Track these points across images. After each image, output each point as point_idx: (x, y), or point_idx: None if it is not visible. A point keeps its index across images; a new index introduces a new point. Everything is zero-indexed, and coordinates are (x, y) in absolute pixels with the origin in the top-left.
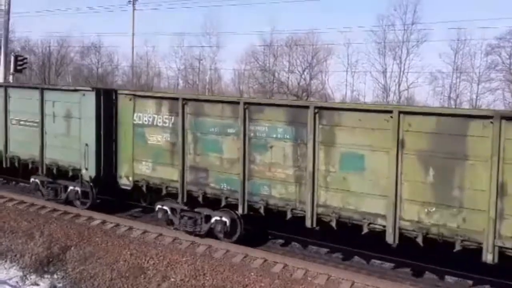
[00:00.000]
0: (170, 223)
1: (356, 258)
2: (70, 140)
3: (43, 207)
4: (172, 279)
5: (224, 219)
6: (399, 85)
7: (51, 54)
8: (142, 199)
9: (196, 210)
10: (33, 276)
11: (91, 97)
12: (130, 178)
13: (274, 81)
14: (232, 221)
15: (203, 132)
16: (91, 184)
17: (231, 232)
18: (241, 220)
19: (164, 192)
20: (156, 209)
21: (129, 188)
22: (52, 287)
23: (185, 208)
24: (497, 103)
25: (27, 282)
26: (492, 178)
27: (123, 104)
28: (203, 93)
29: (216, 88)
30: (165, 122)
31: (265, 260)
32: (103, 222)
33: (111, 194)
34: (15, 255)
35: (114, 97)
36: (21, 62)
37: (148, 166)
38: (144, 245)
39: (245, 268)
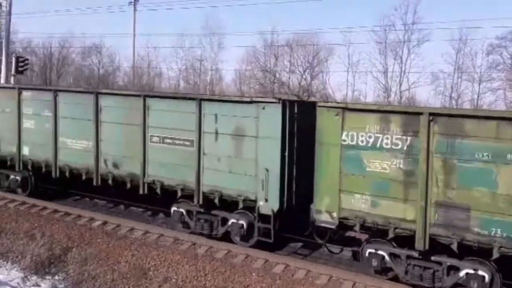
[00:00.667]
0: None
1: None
2: (241, 164)
3: (44, 208)
4: (174, 280)
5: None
6: (400, 85)
7: (53, 55)
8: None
9: (436, 259)
10: (34, 277)
11: (275, 111)
12: (335, 214)
13: (275, 81)
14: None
15: (463, 158)
16: (271, 218)
17: None
18: None
19: (391, 235)
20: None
21: (332, 226)
22: None
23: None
24: (498, 103)
25: (28, 283)
26: None
27: (326, 119)
28: (204, 93)
29: (217, 88)
30: (395, 144)
31: (267, 261)
32: (104, 223)
33: (289, 230)
34: (17, 256)
35: (298, 109)
36: (22, 63)
37: (365, 200)
38: (146, 246)
39: (246, 268)
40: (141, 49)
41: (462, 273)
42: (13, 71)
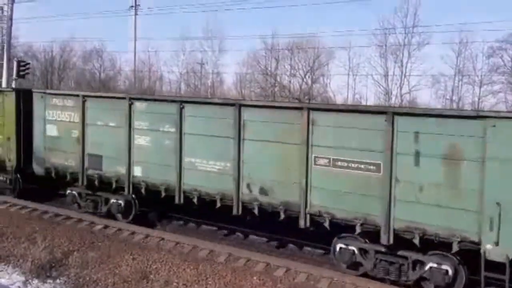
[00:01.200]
0: None
1: None
2: (458, 196)
3: (45, 212)
4: (175, 284)
5: None
6: (401, 88)
7: (54, 59)
8: None
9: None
10: (35, 281)
11: None
12: None
13: (276, 84)
14: None
15: None
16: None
17: None
18: None
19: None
20: None
21: None
22: None
23: None
24: (499, 106)
25: (29, 287)
26: None
27: None
28: (205, 96)
29: (218, 92)
30: None
31: (268, 264)
32: (105, 227)
33: None
34: (18, 260)
35: None
36: (23, 68)
37: None
38: (147, 250)
39: (247, 272)
40: (142, 53)
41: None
42: (14, 75)
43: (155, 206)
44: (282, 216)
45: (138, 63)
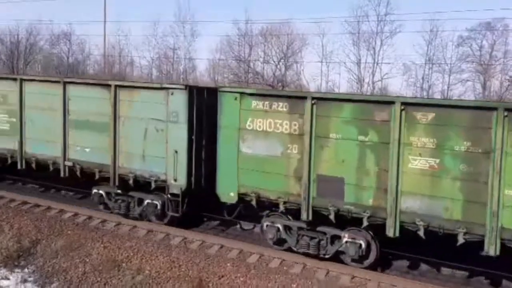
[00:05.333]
0: None
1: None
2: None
3: (12, 200)
4: (147, 272)
5: None
6: (373, 76)
7: (20, 43)
8: None
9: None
10: (2, 270)
11: None
12: None
13: (249, 71)
14: None
15: None
16: None
17: None
18: None
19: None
20: None
21: None
22: (23, 281)
23: None
24: (468, 94)
25: None
26: None
27: None
28: (178, 82)
29: (191, 78)
30: None
31: (241, 251)
32: (75, 214)
33: None
34: None
35: None
36: None
37: None
38: (118, 238)
39: (221, 258)
40: (112, 36)
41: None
42: None
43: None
44: None
45: (108, 47)
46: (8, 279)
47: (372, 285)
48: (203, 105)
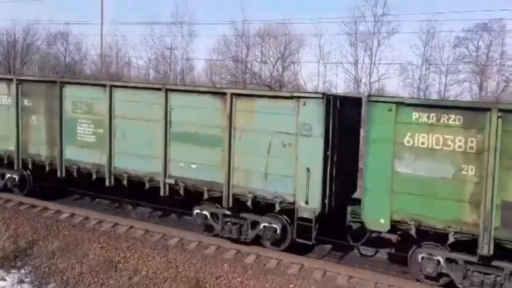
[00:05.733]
0: None
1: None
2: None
3: (8, 200)
4: (144, 272)
5: None
6: (370, 76)
7: (17, 43)
8: None
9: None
10: None
11: None
12: None
13: (247, 71)
14: None
15: None
16: None
17: None
18: None
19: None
20: None
21: None
22: (19, 282)
23: None
24: (464, 95)
25: None
26: None
27: None
28: (175, 83)
29: (188, 78)
30: None
31: (238, 251)
32: (72, 215)
33: None
34: None
35: None
36: None
37: None
38: (115, 238)
39: (218, 259)
40: (109, 37)
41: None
42: None
43: None
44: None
45: (105, 47)
46: (5, 280)
47: (369, 285)
48: (336, 115)
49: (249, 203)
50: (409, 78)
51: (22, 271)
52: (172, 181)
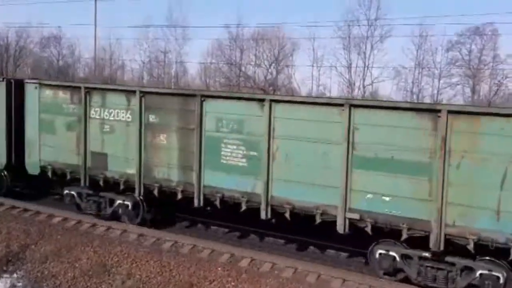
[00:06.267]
0: None
1: (313, 249)
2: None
3: (1, 204)
4: (138, 276)
5: None
6: (364, 80)
7: (9, 46)
8: None
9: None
10: None
11: None
12: None
13: (241, 75)
14: None
15: None
16: None
17: None
18: None
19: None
20: None
21: None
22: (12, 286)
23: None
24: (457, 98)
25: None
26: None
27: None
28: (169, 86)
29: (182, 82)
30: None
31: (232, 255)
32: (65, 219)
33: None
34: None
35: None
36: None
37: None
38: (108, 242)
39: (212, 263)
40: (103, 40)
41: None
42: None
43: None
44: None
45: (98, 50)
46: None
47: None
48: None
49: (470, 247)
50: (402, 82)
51: (15, 275)
52: (355, 216)
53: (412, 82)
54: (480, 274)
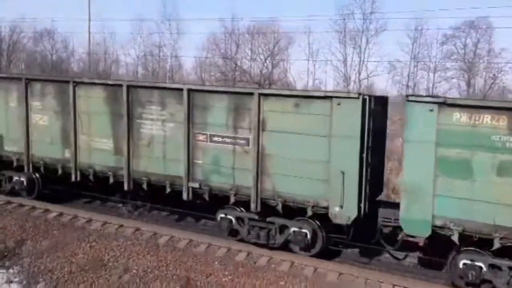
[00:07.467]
0: None
1: None
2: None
3: None
4: (134, 271)
5: None
6: (359, 74)
7: (2, 41)
8: None
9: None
10: None
11: None
12: None
13: (236, 69)
14: None
15: None
16: None
17: None
18: None
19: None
20: None
21: None
22: (8, 282)
23: None
24: (452, 91)
25: None
26: None
27: None
28: (163, 80)
29: (177, 76)
30: None
31: (229, 249)
32: (60, 214)
33: None
34: None
35: None
36: None
37: None
38: (104, 237)
39: (209, 257)
40: (97, 34)
41: None
42: None
43: None
44: None
45: (92, 45)
46: None
47: (359, 282)
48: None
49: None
50: (398, 75)
51: (11, 270)
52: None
53: (407, 75)
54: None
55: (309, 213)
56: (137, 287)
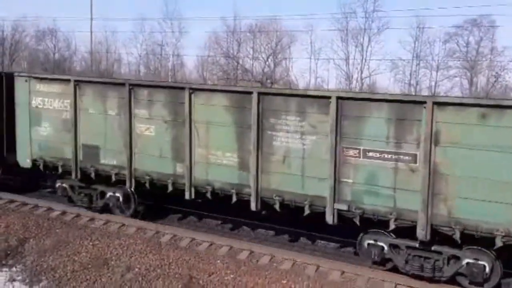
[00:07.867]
0: None
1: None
2: None
3: None
4: (137, 269)
5: None
6: (362, 72)
7: (5, 40)
8: None
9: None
10: None
11: None
12: None
13: (238, 68)
14: None
15: None
16: None
17: None
18: None
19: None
20: None
21: None
22: (11, 280)
23: None
24: (455, 90)
25: None
26: None
27: None
28: (165, 79)
29: (179, 75)
30: None
31: (231, 248)
32: (63, 213)
33: None
34: None
35: None
36: None
37: None
38: (107, 236)
39: (211, 256)
40: (99, 33)
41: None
42: None
43: None
44: None
45: (95, 44)
46: None
47: (362, 280)
48: None
49: None
50: (400, 74)
51: (14, 269)
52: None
53: (410, 74)
54: None
55: (499, 243)
56: (140, 285)
